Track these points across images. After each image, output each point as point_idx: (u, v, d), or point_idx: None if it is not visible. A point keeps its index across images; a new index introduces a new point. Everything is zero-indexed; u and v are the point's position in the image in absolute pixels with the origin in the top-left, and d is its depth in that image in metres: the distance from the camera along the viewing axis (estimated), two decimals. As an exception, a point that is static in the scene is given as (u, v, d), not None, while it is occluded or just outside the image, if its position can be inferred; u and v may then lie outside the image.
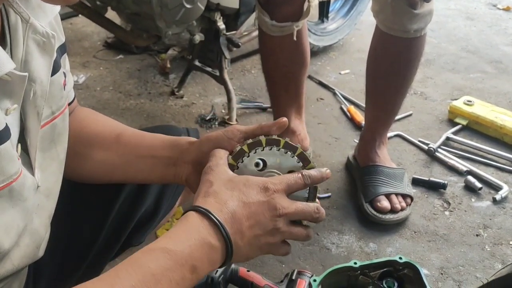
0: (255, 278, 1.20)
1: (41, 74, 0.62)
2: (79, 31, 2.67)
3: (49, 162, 0.68)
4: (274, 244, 0.66)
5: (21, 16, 0.59)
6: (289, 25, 1.44)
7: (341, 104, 2.11)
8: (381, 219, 1.49)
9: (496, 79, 2.31)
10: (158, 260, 0.56)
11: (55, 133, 0.69)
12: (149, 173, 0.79)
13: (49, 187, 0.69)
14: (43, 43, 0.62)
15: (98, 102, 2.12)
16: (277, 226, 0.64)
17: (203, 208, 0.61)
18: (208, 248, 0.59)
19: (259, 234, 0.64)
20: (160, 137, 0.82)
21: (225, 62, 2.01)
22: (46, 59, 0.63)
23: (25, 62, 0.60)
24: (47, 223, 0.71)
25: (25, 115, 0.61)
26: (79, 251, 0.88)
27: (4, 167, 0.56)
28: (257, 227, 0.63)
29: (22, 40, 0.59)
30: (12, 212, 0.59)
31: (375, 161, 1.61)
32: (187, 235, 0.59)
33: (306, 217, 0.68)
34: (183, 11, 1.75)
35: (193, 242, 0.59)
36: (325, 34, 2.45)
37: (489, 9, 3.10)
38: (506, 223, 1.51)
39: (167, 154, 0.78)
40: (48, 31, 0.62)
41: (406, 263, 1.13)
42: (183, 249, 0.58)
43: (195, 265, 0.58)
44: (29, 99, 0.61)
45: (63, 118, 0.70)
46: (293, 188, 0.67)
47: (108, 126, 0.85)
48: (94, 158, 0.81)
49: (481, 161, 1.76)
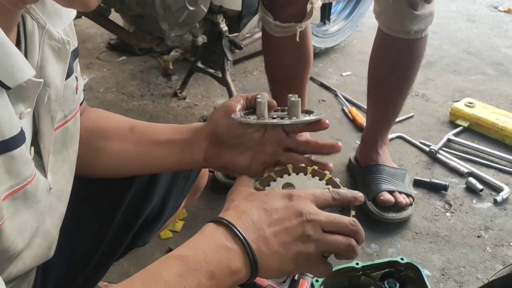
0: (257, 279, 1.20)
1: (56, 79, 0.63)
2: (82, 32, 2.68)
3: (61, 164, 0.69)
4: (311, 257, 0.61)
5: (38, 22, 0.60)
6: (292, 26, 1.45)
7: (342, 106, 2.12)
8: (384, 216, 1.50)
9: (497, 81, 2.32)
10: (171, 267, 0.55)
11: (67, 136, 0.70)
12: (165, 158, 0.80)
13: (60, 189, 0.70)
14: (58, 49, 0.63)
15: (101, 103, 2.14)
16: (307, 232, 0.60)
17: (219, 217, 0.60)
18: (224, 252, 0.57)
19: (286, 240, 0.59)
20: (173, 125, 0.83)
21: (228, 63, 2.02)
22: (60, 65, 0.64)
23: (40, 67, 0.61)
24: (58, 224, 0.72)
25: (39, 118, 0.63)
26: (86, 251, 0.89)
27: (20, 170, 0.57)
28: (283, 234, 0.59)
29: (38, 45, 0.60)
30: (27, 214, 0.60)
31: (376, 161, 1.62)
32: (201, 241, 0.58)
33: (340, 228, 0.62)
34: (186, 13, 1.76)
35: (207, 247, 0.57)
36: (327, 36, 2.46)
37: (490, 11, 3.11)
38: (507, 225, 1.52)
39: (183, 137, 0.79)
40: (63, 37, 0.63)
41: (407, 264, 1.13)
42: (196, 254, 0.56)
43: (212, 271, 0.55)
44: (43, 103, 0.62)
45: (75, 121, 0.71)
46: (320, 200, 0.63)
47: (121, 120, 0.86)
48: (109, 150, 0.82)
49: (482, 163, 1.77)
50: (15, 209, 0.58)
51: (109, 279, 1.12)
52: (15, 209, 0.58)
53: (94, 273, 0.92)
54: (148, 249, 1.29)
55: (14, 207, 0.58)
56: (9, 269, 0.63)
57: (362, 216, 1.55)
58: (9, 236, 0.58)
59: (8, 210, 0.57)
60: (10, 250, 0.59)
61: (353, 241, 0.63)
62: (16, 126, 0.55)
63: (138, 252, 1.09)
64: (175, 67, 2.36)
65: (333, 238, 0.61)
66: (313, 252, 0.61)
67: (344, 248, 0.62)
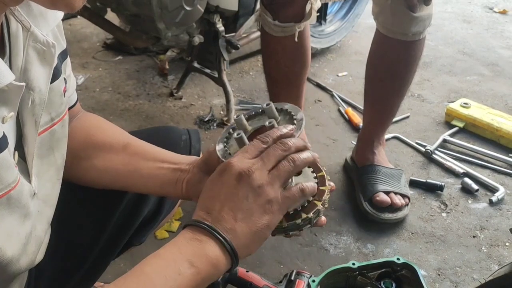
0: (254, 279, 1.20)
1: (40, 82, 0.62)
2: (78, 32, 2.67)
3: (47, 168, 0.68)
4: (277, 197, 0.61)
5: (22, 24, 0.59)
6: (291, 26, 1.46)
7: (338, 106, 2.12)
8: (380, 217, 1.51)
9: (493, 82, 2.33)
10: (151, 264, 0.57)
11: (53, 140, 0.68)
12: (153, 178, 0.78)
13: (47, 193, 0.69)
14: (43, 52, 0.62)
15: (97, 103, 2.13)
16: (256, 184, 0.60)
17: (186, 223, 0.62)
18: (196, 243, 0.58)
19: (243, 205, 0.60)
20: (167, 153, 0.81)
21: (224, 63, 2.02)
22: (45, 68, 0.63)
23: (24, 71, 0.60)
24: (46, 228, 0.72)
25: (23, 122, 0.61)
26: (81, 252, 0.88)
27: (2, 175, 0.56)
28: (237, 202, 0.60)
29: (22, 48, 0.59)
30: (11, 219, 0.60)
31: (373, 161, 1.63)
32: (172, 242, 0.60)
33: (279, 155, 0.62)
34: (182, 13, 1.76)
35: (179, 243, 0.59)
36: (323, 36, 2.46)
37: (485, 12, 3.12)
38: (502, 225, 1.53)
39: (175, 161, 0.78)
40: (48, 40, 0.62)
41: (404, 264, 1.14)
42: (170, 249, 0.59)
43: (190, 260, 0.57)
44: (27, 107, 0.61)
45: (63, 124, 0.70)
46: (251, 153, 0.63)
47: (117, 135, 0.84)
48: (99, 165, 0.81)
49: (477, 163, 1.77)
50: None
51: (105, 279, 1.11)
52: None
53: (91, 274, 0.92)
54: (144, 249, 1.28)
55: None
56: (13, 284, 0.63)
57: (357, 216, 1.56)
58: None
59: None
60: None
61: (295, 155, 0.63)
62: None
63: (134, 252, 1.09)
64: (171, 67, 2.36)
65: (278, 170, 0.62)
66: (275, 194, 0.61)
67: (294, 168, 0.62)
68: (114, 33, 2.04)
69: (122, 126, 0.88)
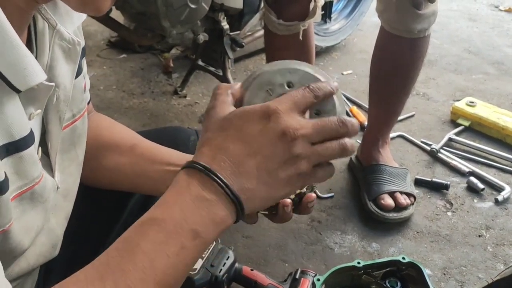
0: (258, 277, 1.20)
1: (65, 79, 0.63)
2: (82, 30, 2.67)
3: (68, 163, 0.69)
4: (305, 174, 0.54)
5: (49, 22, 0.60)
6: (295, 25, 1.45)
7: (343, 105, 2.12)
8: (385, 217, 1.50)
9: (498, 81, 2.32)
10: (148, 234, 0.49)
11: (75, 135, 0.69)
12: (160, 181, 0.76)
13: (67, 188, 0.70)
14: (68, 50, 0.63)
15: (102, 101, 2.13)
16: (295, 152, 0.52)
17: (193, 162, 0.53)
18: (205, 206, 0.50)
19: (273, 168, 0.52)
20: (176, 151, 0.79)
21: (229, 62, 2.01)
22: (70, 65, 0.64)
23: (50, 68, 0.61)
24: (64, 223, 0.72)
25: (47, 119, 0.62)
26: (90, 250, 0.88)
27: (28, 171, 0.57)
28: (268, 161, 0.52)
29: (48, 46, 0.60)
30: (32, 213, 0.60)
31: (378, 160, 1.62)
32: (175, 198, 0.51)
33: (330, 135, 0.55)
34: (187, 11, 1.75)
35: (185, 204, 0.50)
36: (327, 34, 2.45)
37: (491, 11, 3.11)
38: (508, 224, 1.52)
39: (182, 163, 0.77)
40: (74, 38, 0.63)
41: (409, 263, 1.13)
42: (173, 215, 0.50)
43: (196, 230, 0.50)
44: (52, 104, 0.62)
45: (83, 120, 0.71)
46: (301, 105, 0.54)
47: (124, 135, 0.84)
48: (106, 165, 0.81)
49: (483, 162, 1.77)
50: (21, 210, 0.58)
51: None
52: (22, 209, 0.58)
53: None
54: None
55: (21, 208, 0.58)
56: (11, 267, 0.62)
57: (362, 215, 1.55)
58: (17, 236, 0.58)
59: (16, 210, 0.57)
60: (17, 250, 0.59)
61: (345, 140, 0.55)
62: (26, 127, 0.55)
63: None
64: (175, 65, 2.36)
65: (324, 148, 0.54)
66: (306, 170, 0.54)
67: (338, 154, 0.55)
68: (118, 31, 2.04)
69: (127, 124, 0.88)
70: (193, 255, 0.51)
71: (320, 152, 0.54)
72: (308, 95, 0.55)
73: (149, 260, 0.48)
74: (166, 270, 0.49)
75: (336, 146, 0.55)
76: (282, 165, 0.52)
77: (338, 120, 0.55)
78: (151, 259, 0.48)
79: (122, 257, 0.48)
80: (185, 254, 0.50)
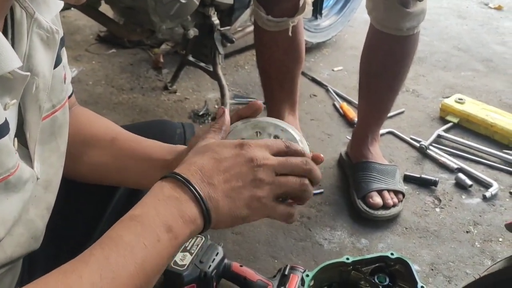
0: (248, 273, 1.20)
1: (44, 68, 0.62)
2: (71, 24, 2.65)
3: (49, 154, 0.68)
4: (266, 201, 0.61)
5: (26, 11, 0.60)
6: (285, 21, 1.45)
7: (333, 101, 2.12)
8: (373, 215, 1.51)
9: (487, 78, 2.34)
10: (129, 228, 0.55)
11: (55, 126, 0.69)
12: (143, 176, 0.78)
13: (48, 179, 0.69)
14: (47, 38, 0.62)
15: (90, 96, 2.11)
16: (258, 176, 0.60)
17: (168, 173, 0.60)
18: (174, 203, 0.57)
19: (237, 185, 0.59)
20: (157, 142, 0.80)
21: (219, 57, 2.00)
22: (49, 54, 0.63)
23: (28, 57, 0.60)
24: (45, 214, 0.71)
25: (25, 108, 0.62)
26: (74, 245, 0.88)
27: (3, 161, 0.56)
28: (233, 179, 0.59)
29: (26, 34, 0.60)
30: (7, 203, 0.60)
31: (367, 158, 1.62)
32: (151, 198, 0.58)
33: (293, 169, 0.62)
34: (177, 6, 1.74)
35: (157, 202, 0.57)
36: (318, 30, 2.45)
37: (480, 8, 3.13)
38: (495, 220, 1.53)
39: (163, 157, 0.77)
40: (52, 26, 0.63)
41: (397, 259, 1.14)
42: (148, 211, 0.56)
43: (168, 224, 0.55)
44: (31, 93, 0.61)
45: (64, 111, 0.70)
46: (273, 148, 0.63)
47: (104, 128, 0.84)
48: (88, 160, 0.80)
49: (471, 159, 1.78)
50: None
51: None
52: None
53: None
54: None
55: None
56: None
57: (352, 211, 1.56)
58: None
59: None
60: None
61: (306, 180, 0.63)
62: (0, 117, 0.55)
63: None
64: (165, 60, 2.34)
65: (285, 179, 0.61)
66: (267, 196, 0.60)
67: (298, 188, 0.62)
68: (107, 26, 2.03)
69: (116, 120, 0.87)
70: (168, 250, 0.56)
71: (281, 182, 0.61)
72: (281, 144, 0.63)
73: (130, 248, 0.53)
74: (144, 258, 0.53)
75: (297, 181, 0.62)
76: (246, 184, 0.60)
77: (303, 160, 0.63)
78: (131, 246, 0.53)
79: (104, 248, 0.53)
80: (161, 247, 0.55)
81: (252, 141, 0.63)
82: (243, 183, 0.59)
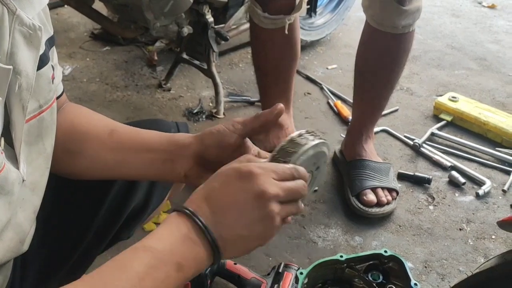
0: (241, 271, 1.20)
1: (27, 66, 0.61)
2: (65, 21, 2.64)
3: (35, 156, 0.67)
4: (277, 229, 0.63)
5: (8, 7, 0.58)
6: (281, 18, 1.45)
7: (328, 99, 2.12)
8: (367, 212, 1.51)
9: (480, 76, 2.35)
10: (142, 259, 0.56)
11: (42, 127, 0.67)
12: (144, 169, 0.78)
13: (34, 181, 0.68)
14: (29, 36, 0.60)
15: (85, 94, 2.10)
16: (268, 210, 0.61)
17: (183, 207, 0.61)
18: (189, 245, 0.58)
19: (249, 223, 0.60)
20: (156, 132, 0.80)
21: (213, 55, 2.00)
22: (32, 52, 0.62)
23: (11, 55, 0.58)
24: (32, 217, 0.70)
25: (10, 108, 0.60)
26: (68, 245, 0.87)
27: None
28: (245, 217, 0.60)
29: (8, 32, 0.58)
30: None
31: (361, 156, 1.63)
32: (168, 232, 0.59)
33: (296, 197, 0.65)
34: (171, 3, 1.73)
35: (174, 239, 0.58)
36: (312, 28, 2.45)
37: (474, 7, 3.14)
38: (488, 218, 1.54)
39: (164, 148, 0.77)
40: (35, 23, 0.61)
41: (391, 256, 1.14)
42: (164, 246, 0.57)
43: (180, 263, 0.57)
44: (14, 92, 0.59)
45: (51, 112, 0.69)
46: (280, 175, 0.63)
47: (101, 123, 0.82)
48: (87, 155, 0.79)
49: (465, 157, 1.79)
50: None
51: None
52: None
53: (77, 267, 0.91)
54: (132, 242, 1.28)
55: None
56: None
57: (346, 209, 1.56)
58: None
59: None
60: None
61: (300, 202, 0.66)
62: None
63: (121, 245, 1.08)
64: (160, 58, 2.34)
65: (290, 208, 0.64)
66: (277, 226, 0.62)
67: (295, 212, 0.66)
68: (101, 23, 2.02)
69: (110, 118, 0.86)
70: (175, 284, 0.57)
71: (287, 211, 0.63)
72: (288, 170, 0.64)
73: (139, 279, 0.54)
74: None
75: (298, 208, 0.65)
76: (258, 222, 0.61)
77: (303, 186, 0.64)
78: (140, 278, 0.54)
79: (114, 274, 0.54)
80: (169, 282, 0.56)
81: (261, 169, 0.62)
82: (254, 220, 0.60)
